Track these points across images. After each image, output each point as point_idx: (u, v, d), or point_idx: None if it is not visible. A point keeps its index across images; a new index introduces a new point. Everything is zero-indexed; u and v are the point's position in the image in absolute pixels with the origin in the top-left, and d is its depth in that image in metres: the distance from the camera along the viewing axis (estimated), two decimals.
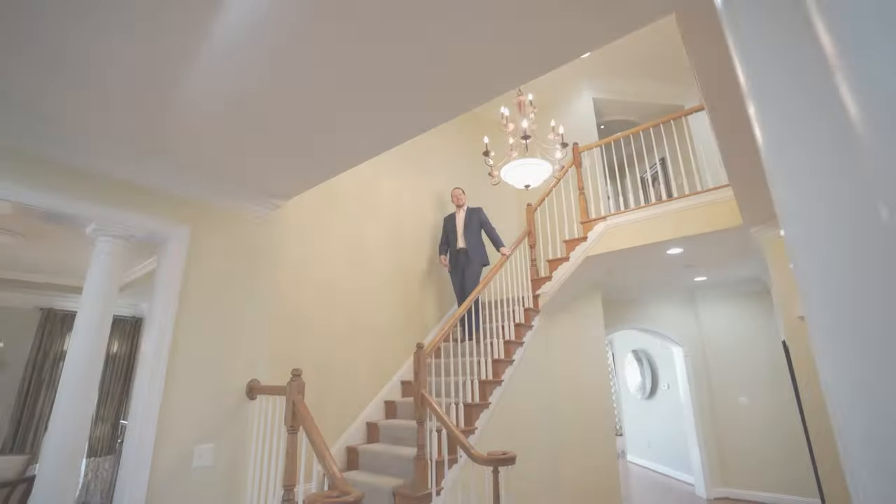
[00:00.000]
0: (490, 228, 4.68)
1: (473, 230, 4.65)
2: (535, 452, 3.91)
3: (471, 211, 4.75)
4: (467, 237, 4.61)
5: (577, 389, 4.48)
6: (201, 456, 2.24)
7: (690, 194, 3.76)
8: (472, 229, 4.66)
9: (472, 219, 4.69)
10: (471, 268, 4.52)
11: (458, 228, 4.68)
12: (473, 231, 4.65)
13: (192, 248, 2.43)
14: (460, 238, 4.63)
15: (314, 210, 3.67)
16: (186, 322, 2.33)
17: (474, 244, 4.60)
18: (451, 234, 4.72)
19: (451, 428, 2.60)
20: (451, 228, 4.76)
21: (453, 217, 4.80)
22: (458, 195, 4.83)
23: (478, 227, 4.67)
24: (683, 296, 6.00)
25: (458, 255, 4.60)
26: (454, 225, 4.74)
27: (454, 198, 4.85)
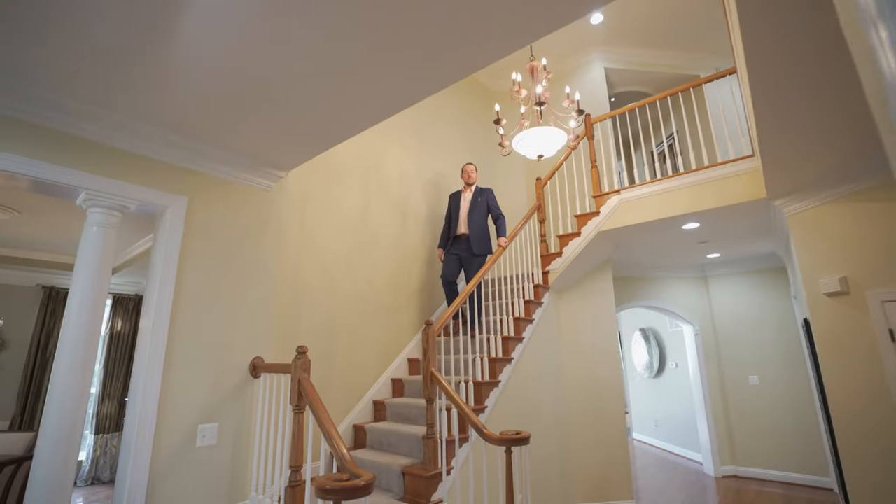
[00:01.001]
0: (498, 214, 4.14)
1: (479, 214, 4.08)
2: (544, 430, 3.86)
3: (479, 191, 4.19)
4: (472, 222, 4.03)
5: (588, 367, 4.40)
6: (205, 435, 2.17)
7: (709, 166, 3.58)
8: (478, 213, 4.08)
9: (479, 200, 4.14)
10: (470, 261, 3.97)
11: (461, 210, 4.12)
12: (479, 215, 4.07)
13: (190, 219, 2.30)
14: (462, 222, 4.08)
15: (318, 183, 3.53)
16: (185, 297, 2.22)
17: (478, 232, 4.01)
18: (454, 216, 4.16)
19: (463, 407, 2.51)
20: (455, 208, 4.20)
21: (458, 195, 4.25)
22: (469, 171, 4.26)
23: (485, 211, 4.12)
24: (695, 273, 5.87)
25: (457, 242, 4.07)
26: (458, 205, 4.18)
27: (465, 174, 4.27)
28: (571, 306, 4.55)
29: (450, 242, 4.13)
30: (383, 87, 1.91)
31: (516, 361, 3.61)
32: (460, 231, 4.07)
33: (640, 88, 6.16)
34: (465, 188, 4.28)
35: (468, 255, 4.00)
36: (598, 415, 4.29)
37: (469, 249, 3.99)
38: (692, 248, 4.86)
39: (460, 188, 4.44)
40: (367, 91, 1.93)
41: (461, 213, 4.13)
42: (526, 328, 3.84)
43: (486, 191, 4.23)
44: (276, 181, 2.72)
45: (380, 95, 1.98)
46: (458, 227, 4.09)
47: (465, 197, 4.21)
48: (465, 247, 4.03)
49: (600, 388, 4.35)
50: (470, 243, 3.99)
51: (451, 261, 4.07)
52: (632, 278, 5.90)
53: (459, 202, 4.20)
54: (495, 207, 4.18)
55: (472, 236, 4.00)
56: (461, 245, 4.05)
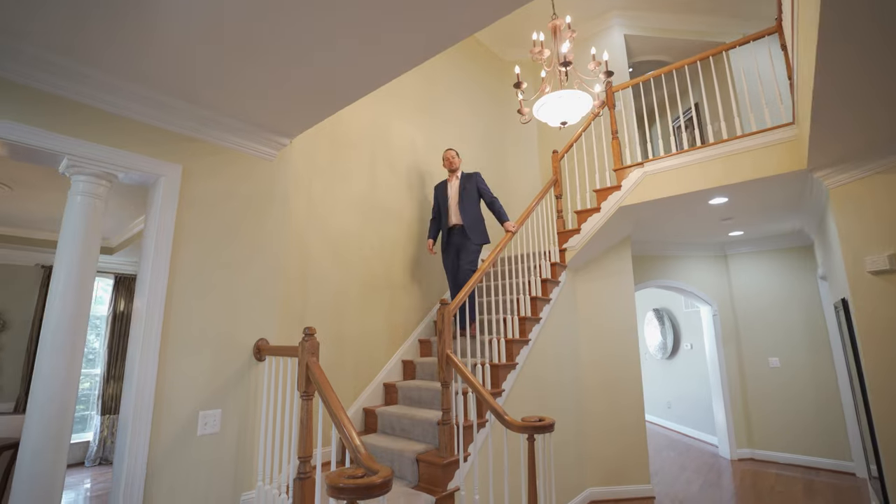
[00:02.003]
0: (491, 198, 3.78)
1: (470, 201, 3.75)
2: (561, 413, 3.72)
3: (466, 178, 3.82)
4: (463, 210, 3.69)
5: (605, 349, 4.24)
6: (207, 422, 2.02)
7: (742, 136, 3.33)
8: (468, 200, 3.74)
9: (467, 187, 3.77)
10: (467, 248, 3.61)
11: (449, 200, 3.77)
12: (470, 202, 3.74)
13: (186, 190, 2.11)
14: (453, 212, 3.74)
15: (325, 156, 3.31)
16: (182, 274, 2.04)
17: (472, 219, 3.69)
18: (443, 208, 3.83)
19: (482, 391, 2.35)
20: (442, 199, 3.84)
21: (444, 185, 3.88)
22: (450, 157, 3.85)
23: (476, 198, 3.78)
24: (714, 252, 5.64)
25: (452, 234, 3.74)
26: (445, 195, 3.82)
27: (446, 161, 3.86)
28: (588, 286, 4.36)
29: (443, 237, 3.81)
30: (388, 43, 1.68)
31: (533, 342, 3.44)
32: (452, 222, 3.74)
33: (660, 57, 5.83)
34: (449, 176, 3.91)
35: (462, 242, 3.69)
36: (616, 398, 4.14)
37: (466, 239, 3.66)
38: (715, 225, 4.63)
39: (445, 178, 4.01)
40: (369, 47, 1.70)
41: (451, 204, 3.78)
42: (543, 308, 3.66)
43: (474, 175, 3.84)
44: (279, 150, 2.51)
45: (383, 52, 1.75)
46: (450, 219, 3.75)
47: (451, 186, 3.84)
48: (460, 238, 3.70)
49: (618, 370, 4.20)
50: (466, 233, 3.66)
51: (451, 258, 3.76)
52: (648, 257, 5.69)
53: (447, 192, 3.83)
54: (487, 192, 3.82)
55: (468, 226, 3.67)
56: (456, 236, 3.73)
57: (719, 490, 4.21)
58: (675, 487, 4.26)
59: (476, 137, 5.08)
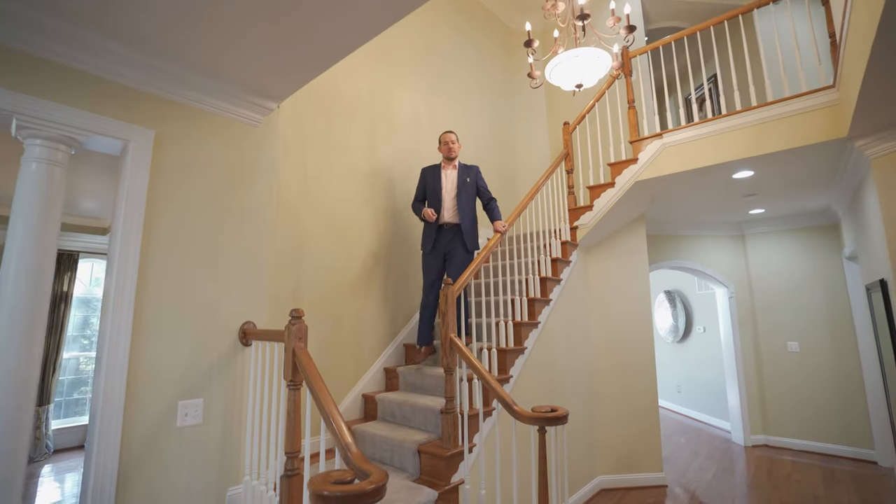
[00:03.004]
0: (490, 197, 3.30)
1: (469, 199, 3.20)
2: (571, 399, 3.54)
3: (465, 169, 3.28)
4: (461, 208, 3.15)
5: (618, 332, 4.04)
6: (187, 413, 1.84)
7: (775, 101, 3.04)
8: (467, 197, 3.19)
9: (467, 182, 3.22)
10: (457, 257, 3.07)
11: (443, 193, 3.20)
12: (469, 200, 3.19)
13: (160, 157, 1.89)
14: (448, 208, 3.16)
15: (319, 125, 3.07)
16: (157, 251, 1.84)
17: (470, 221, 3.15)
18: (433, 199, 3.22)
19: (488, 378, 2.16)
20: (433, 189, 3.23)
21: (437, 173, 3.26)
22: (450, 142, 3.26)
23: (474, 195, 3.25)
24: (731, 231, 5.38)
25: (441, 234, 3.16)
26: (439, 185, 3.22)
27: (444, 145, 3.28)
28: (601, 265, 4.14)
29: (428, 234, 3.18)
30: None
31: (543, 325, 3.24)
32: (445, 219, 3.15)
33: (678, 23, 5.47)
34: (445, 164, 3.30)
35: (453, 247, 3.09)
36: (628, 382, 3.96)
37: (460, 244, 3.10)
38: (736, 202, 4.36)
39: (437, 163, 3.38)
40: None
41: (445, 197, 3.19)
42: (553, 289, 3.45)
43: (473, 168, 3.33)
44: (265, 115, 2.27)
45: None
46: (442, 214, 3.16)
47: (447, 175, 3.26)
48: (452, 241, 3.11)
49: (630, 354, 4.00)
50: (462, 237, 3.10)
51: (435, 262, 3.13)
52: (661, 237, 5.44)
53: (440, 181, 3.23)
54: (486, 189, 3.32)
55: (466, 228, 3.11)
56: (447, 238, 3.13)
57: (734, 477, 4.05)
58: (687, 475, 4.11)
59: (481, 111, 4.80)
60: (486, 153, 4.74)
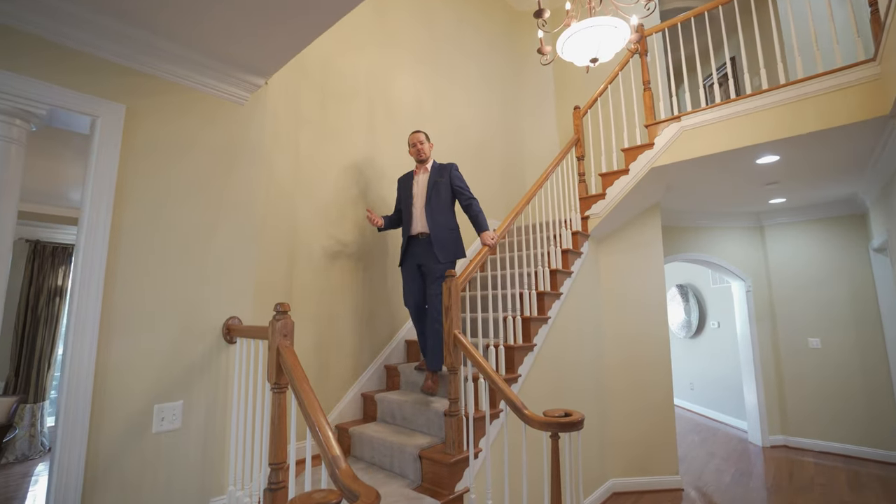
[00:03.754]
0: (469, 198, 2.78)
1: (441, 203, 2.75)
2: (582, 398, 3.35)
3: (438, 170, 2.83)
4: (432, 216, 2.71)
5: (631, 328, 3.83)
6: (164, 417, 1.67)
7: (807, 78, 2.81)
8: (440, 202, 2.75)
9: (439, 183, 2.78)
10: (432, 269, 2.66)
11: (415, 199, 2.81)
12: (441, 204, 2.75)
13: (132, 136, 1.71)
14: (418, 217, 2.77)
15: (314, 108, 2.88)
16: (129, 238, 1.67)
17: (441, 227, 2.71)
18: (406, 209, 2.85)
19: (496, 378, 1.97)
20: (405, 198, 2.87)
21: (410, 180, 2.90)
22: (417, 143, 2.83)
23: (448, 198, 2.79)
24: (749, 222, 5.14)
25: (412, 244, 2.78)
26: (409, 193, 2.85)
27: (412, 147, 2.86)
28: (613, 258, 3.93)
29: (403, 245, 2.83)
30: None
31: (553, 321, 3.05)
32: (416, 230, 2.76)
33: (691, 3, 5.21)
34: (416, 168, 2.90)
35: (428, 258, 2.70)
36: (642, 380, 3.76)
37: (431, 256, 2.69)
38: (756, 191, 4.12)
39: (410, 170, 3.00)
40: None
41: (415, 204, 2.80)
42: (564, 282, 3.25)
43: (448, 167, 2.84)
44: (252, 92, 2.08)
45: None
46: (413, 225, 2.77)
47: (418, 181, 2.85)
48: (425, 252, 2.72)
49: (645, 351, 3.80)
50: (432, 248, 2.68)
51: (411, 275, 2.77)
52: (675, 228, 5.21)
53: (411, 189, 2.85)
54: (464, 189, 2.80)
55: (436, 238, 2.68)
56: (419, 249, 2.75)
57: (753, 480, 3.85)
58: (704, 478, 3.91)
59: (486, 97, 4.58)
60: (491, 141, 4.53)
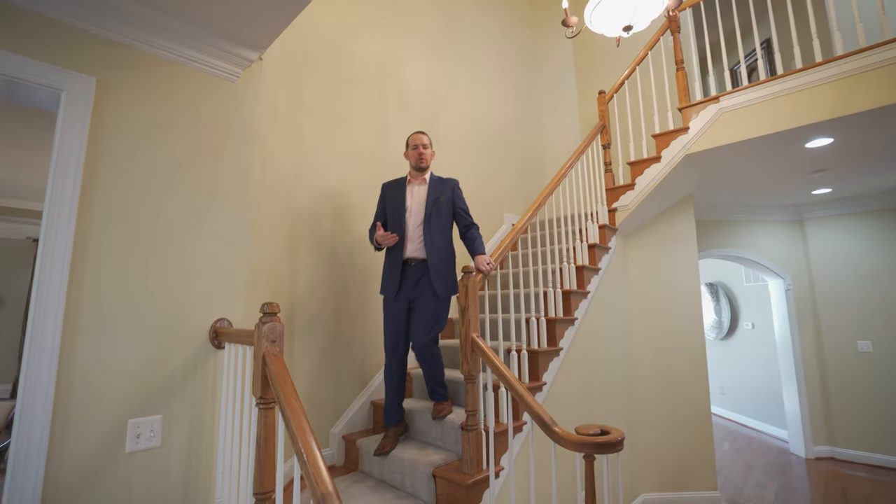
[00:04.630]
0: (470, 224, 2.39)
1: (442, 225, 2.32)
2: (611, 406, 3.07)
3: (437, 184, 2.39)
4: (431, 238, 2.28)
5: (664, 330, 3.53)
6: (140, 433, 1.46)
7: (869, 48, 2.48)
8: (438, 224, 2.31)
9: (437, 201, 2.33)
10: (426, 303, 2.23)
11: (408, 215, 2.34)
12: (442, 226, 2.32)
13: (106, 114, 1.50)
14: (413, 238, 2.30)
15: (319, 92, 2.67)
16: (100, 232, 1.46)
17: (443, 255, 2.28)
18: (395, 225, 2.34)
19: (519, 389, 1.72)
20: (395, 211, 2.37)
21: (401, 190, 2.39)
22: (420, 145, 2.37)
23: (449, 220, 2.37)
24: (788, 216, 4.76)
25: (406, 271, 2.29)
26: (402, 206, 2.35)
27: (413, 149, 2.39)
28: (643, 254, 3.63)
29: (389, 271, 2.33)
30: None
31: (580, 322, 2.77)
32: (409, 254, 2.29)
33: None
34: (412, 177, 2.42)
35: (426, 298, 2.23)
36: (675, 386, 3.45)
37: (428, 288, 2.24)
38: (801, 180, 3.77)
39: (402, 176, 2.50)
40: None
41: (409, 222, 2.32)
42: (591, 279, 2.97)
43: (450, 183, 2.41)
44: (244, 68, 1.87)
45: None
46: (406, 247, 2.29)
47: (414, 192, 2.38)
48: (420, 281, 2.26)
49: (678, 354, 3.49)
50: (430, 278, 2.24)
51: (399, 312, 2.27)
52: (706, 222, 4.87)
53: (403, 201, 2.36)
54: (467, 212, 2.40)
55: (435, 267, 2.24)
56: (413, 278, 2.27)
57: (800, 498, 3.50)
58: (745, 493, 3.58)
59: (503, 84, 4.31)
60: (510, 132, 4.26)
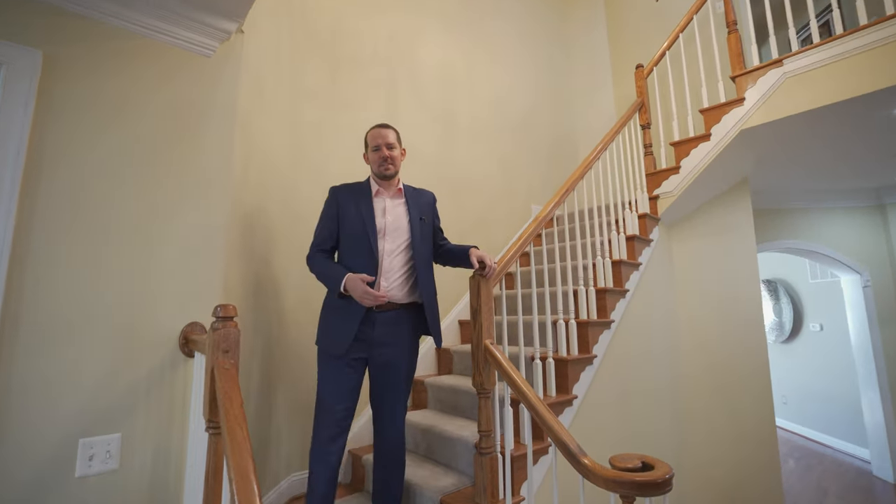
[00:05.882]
0: (444, 239, 1.89)
1: (428, 252, 1.78)
2: (655, 420, 2.69)
3: (414, 197, 1.82)
4: (421, 272, 1.71)
5: (717, 332, 3.09)
6: (94, 455, 1.27)
7: None
8: (425, 249, 1.76)
9: (421, 222, 1.76)
10: (402, 365, 1.67)
11: (381, 243, 1.67)
12: (428, 254, 1.78)
13: (56, 94, 1.33)
14: (391, 270, 1.66)
15: (320, 75, 2.46)
16: (48, 224, 1.28)
17: (433, 294, 1.75)
18: (362, 250, 1.66)
19: (540, 409, 1.41)
20: (358, 235, 1.67)
21: (366, 203, 1.71)
22: (384, 144, 1.72)
23: (431, 247, 1.81)
24: (865, 201, 4.16)
25: (373, 318, 1.62)
26: (371, 224, 1.68)
27: (375, 151, 1.73)
28: (690, 247, 3.21)
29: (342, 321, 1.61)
30: None
31: (617, 325, 2.42)
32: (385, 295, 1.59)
33: None
34: (379, 186, 1.77)
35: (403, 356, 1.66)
36: (732, 397, 3.02)
37: (404, 344, 1.67)
38: (884, 156, 3.22)
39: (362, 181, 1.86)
40: None
41: (383, 251, 1.66)
42: (630, 276, 2.61)
43: (428, 197, 1.87)
44: (221, 42, 1.67)
45: None
46: (378, 284, 1.63)
47: (388, 207, 1.74)
48: (396, 333, 1.65)
49: (735, 360, 3.05)
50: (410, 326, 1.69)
51: (346, 377, 1.60)
52: (762, 211, 4.34)
53: (371, 220, 1.68)
54: (440, 233, 1.88)
55: (431, 308, 1.71)
56: (383, 328, 1.63)
57: None
58: None
59: (528, 61, 3.98)
60: (536, 114, 3.92)
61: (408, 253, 1.71)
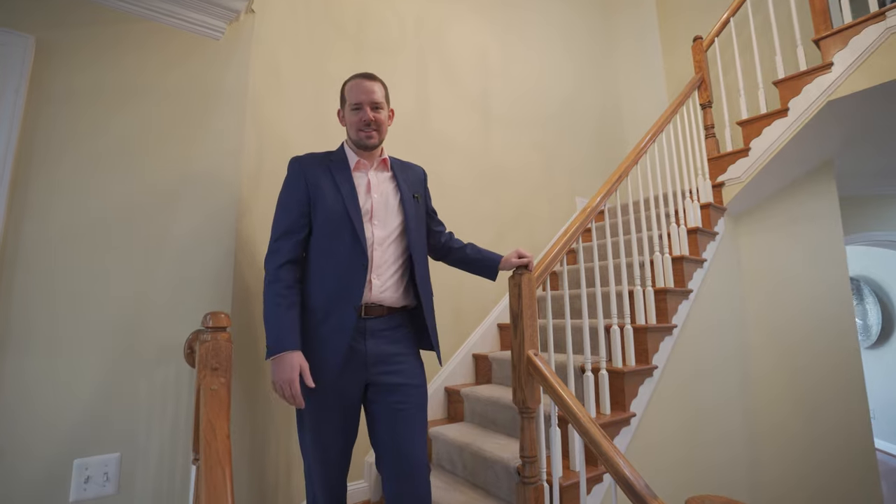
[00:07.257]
0: (444, 228, 1.55)
1: (423, 238, 1.39)
2: (727, 439, 2.34)
3: (401, 171, 1.41)
4: (419, 265, 1.33)
5: (797, 335, 2.68)
6: (91, 477, 1.15)
7: None
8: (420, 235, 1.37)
9: (413, 201, 1.37)
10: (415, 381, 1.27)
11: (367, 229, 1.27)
12: (423, 240, 1.40)
13: (50, 82, 1.23)
14: (381, 261, 1.26)
15: (346, 62, 2.30)
16: (38, 223, 1.18)
17: (430, 292, 1.37)
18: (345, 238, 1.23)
19: (596, 437, 1.16)
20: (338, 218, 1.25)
21: (347, 176, 1.30)
22: (370, 102, 1.29)
23: (424, 232, 1.42)
24: None
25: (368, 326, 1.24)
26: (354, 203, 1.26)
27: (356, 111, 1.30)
28: (760, 240, 2.82)
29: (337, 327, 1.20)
30: None
31: (680, 330, 2.11)
32: (376, 296, 1.25)
33: None
34: (360, 159, 1.34)
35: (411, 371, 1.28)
36: (817, 414, 2.60)
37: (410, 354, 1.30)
38: None
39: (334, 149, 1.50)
40: None
41: (373, 238, 1.27)
42: (693, 274, 2.28)
43: (419, 172, 1.48)
44: (230, 22, 1.53)
45: None
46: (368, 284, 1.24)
47: (372, 182, 1.33)
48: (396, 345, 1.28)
49: (820, 369, 2.63)
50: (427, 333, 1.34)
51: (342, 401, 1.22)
52: (845, 199, 3.80)
53: (356, 198, 1.27)
54: (434, 216, 1.53)
55: (430, 312, 1.35)
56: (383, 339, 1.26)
57: None
58: None
59: (569, 41, 3.67)
60: (578, 98, 3.60)
61: (402, 241, 1.32)
